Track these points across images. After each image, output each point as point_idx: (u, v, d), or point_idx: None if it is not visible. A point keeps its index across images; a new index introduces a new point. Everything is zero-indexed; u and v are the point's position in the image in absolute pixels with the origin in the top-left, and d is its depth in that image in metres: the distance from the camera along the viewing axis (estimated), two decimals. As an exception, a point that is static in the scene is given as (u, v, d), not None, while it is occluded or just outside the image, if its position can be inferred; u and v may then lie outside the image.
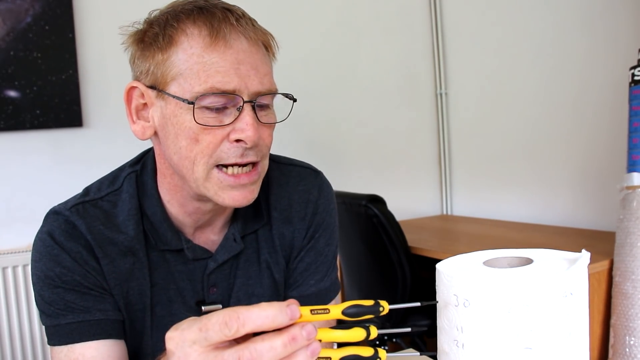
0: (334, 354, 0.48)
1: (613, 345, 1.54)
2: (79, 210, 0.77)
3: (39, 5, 1.97)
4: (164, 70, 0.70)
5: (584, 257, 0.50)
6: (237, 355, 0.43)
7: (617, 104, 1.96)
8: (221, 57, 0.69)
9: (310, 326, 0.45)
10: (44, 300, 0.74)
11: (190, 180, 0.73)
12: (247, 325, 0.44)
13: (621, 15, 1.99)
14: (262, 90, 0.71)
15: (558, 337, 0.47)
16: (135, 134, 0.76)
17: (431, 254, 1.93)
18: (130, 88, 0.74)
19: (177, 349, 0.46)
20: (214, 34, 0.69)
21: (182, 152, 0.71)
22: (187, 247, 0.80)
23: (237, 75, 0.69)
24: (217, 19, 0.70)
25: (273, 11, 2.43)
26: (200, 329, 0.44)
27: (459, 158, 2.80)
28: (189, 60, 0.69)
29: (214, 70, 0.68)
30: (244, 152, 0.71)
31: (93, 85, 2.08)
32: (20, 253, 1.94)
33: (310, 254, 0.87)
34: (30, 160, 2.00)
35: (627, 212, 1.54)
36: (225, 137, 0.70)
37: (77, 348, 0.73)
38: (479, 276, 0.49)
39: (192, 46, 0.69)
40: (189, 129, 0.70)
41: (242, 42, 0.70)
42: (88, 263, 0.75)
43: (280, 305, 0.44)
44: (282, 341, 0.44)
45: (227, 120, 0.70)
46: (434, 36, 2.79)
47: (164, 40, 0.70)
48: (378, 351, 0.49)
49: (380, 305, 0.48)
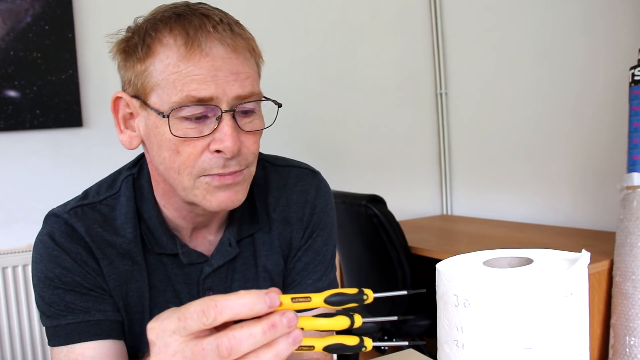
0: (317, 343, 0.47)
1: (613, 345, 1.54)
2: (78, 213, 0.77)
3: (39, 5, 1.97)
4: (144, 81, 0.70)
5: (584, 257, 0.50)
6: (216, 343, 0.43)
7: (617, 104, 1.96)
8: (197, 65, 0.67)
9: (291, 313, 0.44)
10: (44, 301, 0.75)
11: (178, 189, 0.73)
12: (225, 313, 0.43)
13: (621, 15, 1.98)
14: (243, 94, 0.69)
15: (558, 337, 0.47)
16: (123, 144, 0.76)
17: (431, 254, 1.93)
18: (115, 98, 0.75)
19: (157, 339, 0.45)
20: (190, 43, 0.67)
21: (166, 162, 0.71)
22: (182, 251, 0.80)
23: (214, 82, 0.67)
24: (193, 27, 0.68)
25: (273, 11, 2.43)
26: (179, 319, 0.44)
27: (459, 158, 2.80)
28: (165, 71, 0.68)
29: (189, 79, 0.67)
30: (225, 162, 0.69)
31: (93, 85, 2.08)
32: (20, 253, 1.94)
33: (308, 253, 0.87)
34: (30, 161, 2.00)
35: (627, 212, 1.54)
36: (205, 148, 0.69)
37: (77, 348, 0.73)
38: (479, 276, 0.49)
39: (168, 56, 0.68)
40: (169, 141, 0.69)
41: (219, 49, 0.68)
42: (88, 264, 0.75)
43: (259, 293, 0.44)
44: (262, 328, 0.43)
45: (206, 131, 0.68)
46: (434, 36, 2.79)
47: (142, 50, 0.70)
48: (364, 340, 0.48)
49: (364, 294, 0.47)
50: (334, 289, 0.48)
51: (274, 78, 2.61)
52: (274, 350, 0.44)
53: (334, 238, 0.91)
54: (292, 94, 2.45)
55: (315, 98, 2.54)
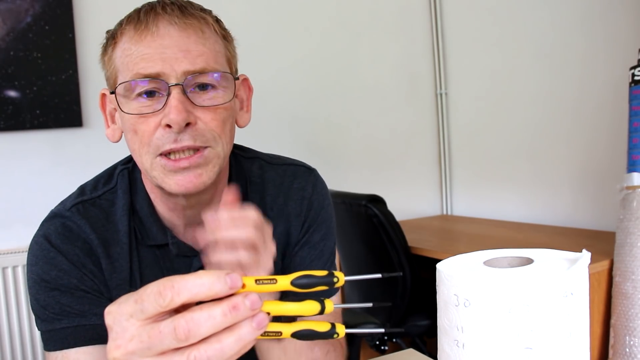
0: (285, 329, 0.44)
1: (613, 346, 1.54)
2: (80, 210, 0.77)
3: (39, 5, 1.97)
4: (111, 71, 0.74)
5: (585, 257, 0.50)
6: (173, 325, 0.40)
7: (617, 104, 1.96)
8: (146, 46, 0.69)
9: (254, 295, 0.41)
10: (40, 304, 0.74)
11: (143, 172, 0.74)
12: (182, 293, 0.40)
13: (621, 15, 1.99)
14: (192, 70, 0.70)
15: (558, 337, 0.47)
16: (107, 137, 0.78)
17: (431, 254, 1.93)
18: (101, 95, 0.79)
19: (114, 324, 0.43)
20: (139, 26, 0.70)
21: (130, 145, 0.74)
22: (172, 242, 0.79)
23: (161, 60, 0.69)
24: (144, 11, 0.71)
25: (273, 11, 2.43)
26: (135, 301, 0.42)
27: (459, 158, 2.80)
28: (121, 56, 0.71)
29: (139, 58, 0.69)
30: (176, 136, 0.69)
31: (93, 85, 2.08)
32: (20, 253, 1.94)
33: (305, 248, 0.86)
34: (30, 161, 2.00)
35: (627, 212, 1.54)
36: (158, 125, 0.70)
37: (72, 354, 0.72)
38: (479, 276, 0.49)
39: (124, 42, 0.71)
40: (127, 121, 0.72)
41: (168, 28, 0.70)
42: (85, 266, 0.75)
43: (219, 273, 0.41)
44: (222, 310, 0.40)
45: (158, 107, 0.70)
46: (434, 36, 2.79)
47: (108, 43, 0.74)
48: (336, 326, 0.45)
49: (335, 276, 0.44)
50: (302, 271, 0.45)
51: (274, 78, 2.63)
52: (236, 335, 0.41)
53: (333, 235, 0.90)
54: (291, 94, 2.45)
55: (315, 98, 2.54)
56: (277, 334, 0.44)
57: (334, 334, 0.45)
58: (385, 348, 2.00)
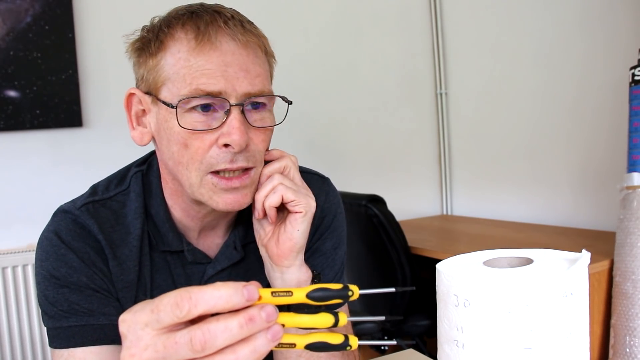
0: (299, 340, 0.45)
1: (613, 346, 1.54)
2: (89, 210, 0.76)
3: (39, 5, 1.97)
4: (155, 75, 0.71)
5: (584, 257, 0.50)
6: (189, 336, 0.40)
7: (617, 104, 1.95)
8: (207, 59, 0.68)
9: (270, 307, 0.41)
10: (48, 300, 0.73)
11: (185, 185, 0.73)
12: (200, 305, 0.40)
13: (621, 15, 1.98)
14: (252, 92, 0.69)
15: (558, 337, 0.47)
16: (134, 140, 0.76)
17: (431, 254, 1.93)
18: (129, 95, 0.75)
19: (129, 332, 0.43)
20: (200, 37, 0.68)
21: (175, 157, 0.71)
22: (188, 249, 0.79)
23: (223, 77, 0.67)
24: (204, 22, 0.69)
25: (272, 11, 2.43)
26: (152, 311, 0.42)
27: (459, 158, 2.80)
28: (176, 65, 0.69)
29: (199, 72, 0.67)
30: (233, 157, 0.69)
31: (93, 85, 2.08)
32: (20, 253, 1.94)
33: (315, 255, 0.86)
34: (30, 161, 2.00)
35: (628, 212, 1.54)
36: (214, 143, 0.69)
37: (78, 353, 0.72)
38: (479, 276, 0.49)
39: (179, 50, 0.69)
40: (178, 134, 0.70)
41: (230, 44, 0.69)
42: (95, 264, 0.74)
43: (237, 285, 0.41)
44: (238, 322, 0.40)
45: (215, 125, 0.68)
46: (434, 36, 2.79)
47: (155, 46, 0.71)
48: (349, 338, 0.46)
49: (350, 290, 0.45)
50: (318, 284, 0.45)
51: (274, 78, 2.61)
52: (251, 346, 0.41)
53: (344, 244, 0.90)
54: (291, 93, 2.44)
55: (315, 98, 2.54)
56: (291, 346, 0.45)
57: (347, 346, 0.46)
58: (386, 348, 2.00)
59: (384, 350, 2.00)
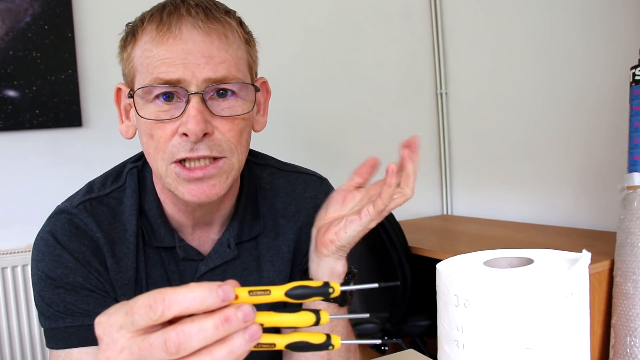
0: (279, 340, 0.43)
1: (614, 346, 1.54)
2: (87, 208, 0.76)
3: (39, 4, 1.97)
4: (129, 68, 0.72)
5: (585, 257, 0.50)
6: (164, 338, 0.39)
7: (617, 103, 1.95)
8: (168, 49, 0.67)
9: (247, 307, 0.40)
10: (44, 301, 0.73)
11: (157, 176, 0.73)
12: (174, 307, 0.40)
13: (621, 15, 1.98)
14: (213, 78, 0.68)
15: (559, 338, 0.47)
16: (121, 133, 0.77)
17: (431, 254, 1.93)
18: (116, 90, 0.77)
19: (104, 335, 0.42)
20: (161, 27, 0.68)
21: (145, 147, 0.73)
22: (180, 245, 0.79)
23: (183, 65, 0.67)
24: (167, 12, 0.69)
25: (272, 10, 2.43)
26: (126, 313, 0.41)
27: (459, 158, 2.80)
28: (142, 56, 0.70)
29: (159, 62, 0.67)
30: (192, 146, 0.68)
31: (93, 85, 2.08)
32: (20, 253, 1.94)
33: None
34: (30, 160, 2.00)
35: (628, 212, 1.53)
36: (175, 132, 0.69)
37: (75, 353, 0.72)
38: (479, 276, 0.49)
39: (145, 42, 0.69)
40: (144, 124, 0.70)
41: (192, 32, 0.68)
42: (91, 264, 0.74)
43: (211, 285, 0.40)
44: (214, 322, 0.39)
45: (177, 114, 0.68)
46: (434, 36, 2.79)
47: (129, 39, 0.72)
48: (331, 337, 0.44)
49: (330, 287, 0.44)
50: (297, 282, 0.44)
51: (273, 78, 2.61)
52: (228, 347, 0.40)
53: None
54: (291, 93, 2.45)
55: (315, 97, 2.54)
56: (270, 346, 0.43)
57: (329, 346, 0.44)
58: (386, 348, 1.99)
59: (384, 350, 2.00)
